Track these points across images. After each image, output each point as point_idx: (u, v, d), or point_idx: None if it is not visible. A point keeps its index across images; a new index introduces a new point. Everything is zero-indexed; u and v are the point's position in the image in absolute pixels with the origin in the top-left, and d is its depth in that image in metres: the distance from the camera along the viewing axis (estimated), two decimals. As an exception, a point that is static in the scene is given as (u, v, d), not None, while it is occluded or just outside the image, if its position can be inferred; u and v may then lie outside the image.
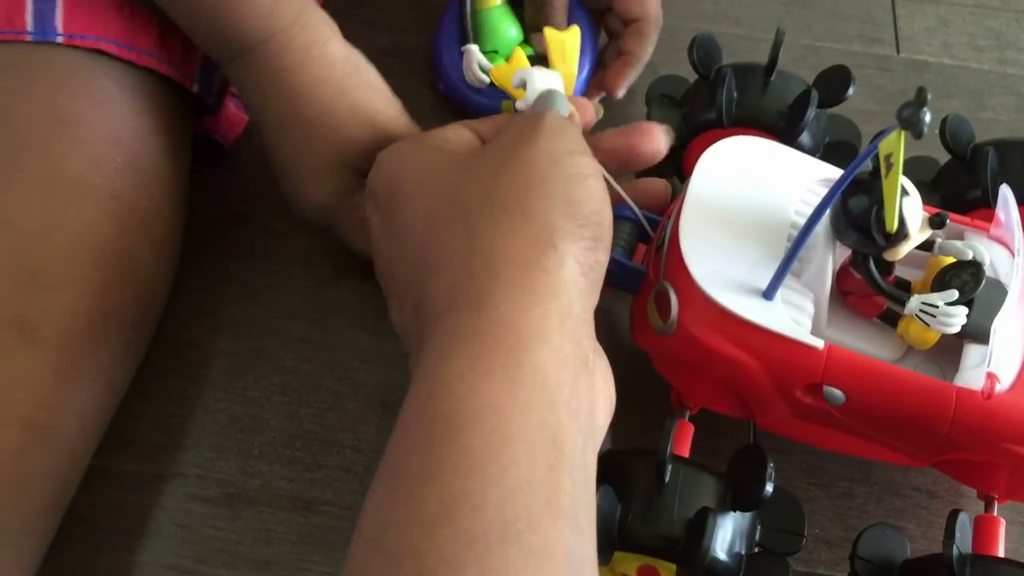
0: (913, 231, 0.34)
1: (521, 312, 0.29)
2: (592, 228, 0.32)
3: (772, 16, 0.59)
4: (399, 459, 0.28)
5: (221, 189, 0.49)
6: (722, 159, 0.38)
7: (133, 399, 0.42)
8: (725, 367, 0.35)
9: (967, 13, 0.61)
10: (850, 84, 0.43)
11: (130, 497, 0.41)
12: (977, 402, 0.34)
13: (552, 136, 0.33)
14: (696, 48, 0.45)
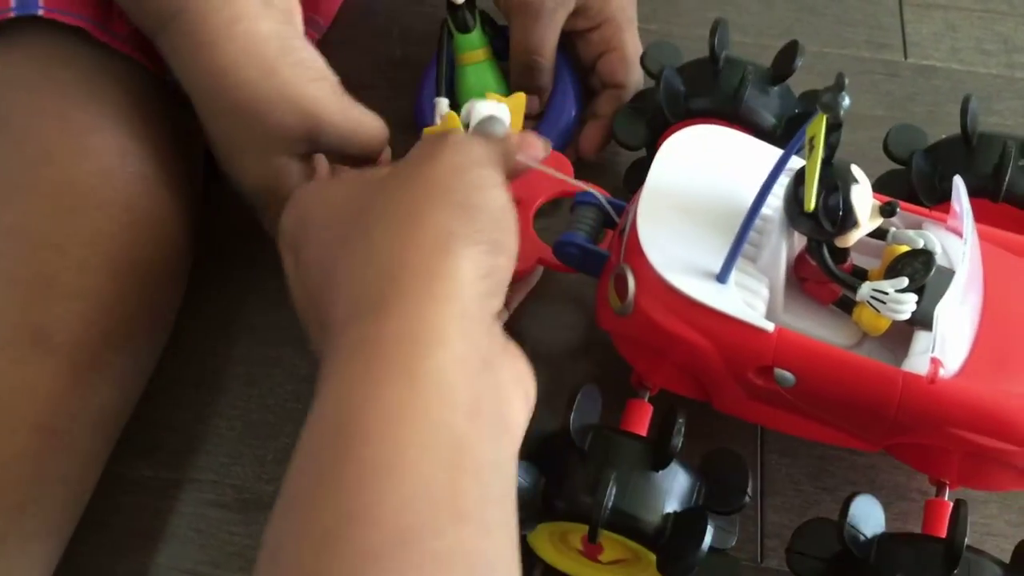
0: (863, 219, 0.35)
1: (417, 317, 0.29)
2: (491, 233, 0.32)
3: (780, 23, 0.60)
4: (296, 476, 0.28)
5: (237, 198, 0.49)
6: (681, 147, 0.39)
7: (151, 406, 0.43)
8: (680, 348, 0.37)
9: (975, 18, 0.61)
10: (797, 56, 0.44)
11: (147, 502, 0.42)
12: (922, 386, 0.34)
13: (455, 151, 0.34)
14: (647, 56, 0.47)
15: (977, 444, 0.35)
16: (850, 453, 0.43)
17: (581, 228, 0.41)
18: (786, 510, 0.42)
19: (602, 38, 0.49)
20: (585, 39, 0.50)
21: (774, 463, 0.44)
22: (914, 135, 0.46)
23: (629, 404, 0.39)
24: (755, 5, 0.61)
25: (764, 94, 0.44)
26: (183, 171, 0.43)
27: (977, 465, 0.37)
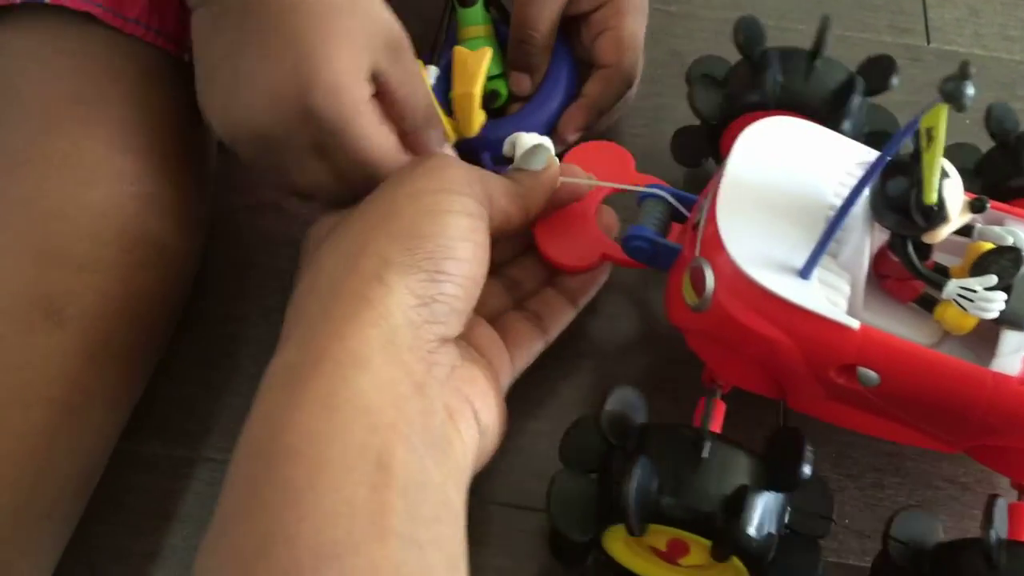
0: (953, 214, 0.34)
1: (338, 341, 0.30)
2: (437, 262, 0.32)
3: (802, 6, 0.59)
4: (224, 500, 0.29)
5: (249, 179, 0.49)
6: (761, 139, 0.38)
7: (164, 384, 0.43)
8: (759, 345, 0.36)
9: (998, 3, 0.60)
10: (893, 73, 0.43)
11: (162, 481, 0.41)
12: (1012, 387, 0.33)
13: (422, 176, 0.34)
14: (741, 29, 0.45)
15: (1067, 447, 0.34)
16: (873, 440, 0.42)
17: (650, 221, 0.40)
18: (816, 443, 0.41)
19: (602, 18, 0.48)
20: (587, 22, 0.48)
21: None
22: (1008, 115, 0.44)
23: (702, 403, 0.38)
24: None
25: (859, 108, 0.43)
26: (196, 146, 0.43)
27: (1062, 468, 0.36)
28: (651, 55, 0.54)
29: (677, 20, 0.57)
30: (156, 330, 0.40)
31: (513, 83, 0.49)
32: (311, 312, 0.32)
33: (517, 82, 0.49)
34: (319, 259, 0.34)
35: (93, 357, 0.36)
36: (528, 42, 0.47)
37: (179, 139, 0.41)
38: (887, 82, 0.43)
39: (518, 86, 0.49)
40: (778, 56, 0.44)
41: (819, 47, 0.43)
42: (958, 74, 0.26)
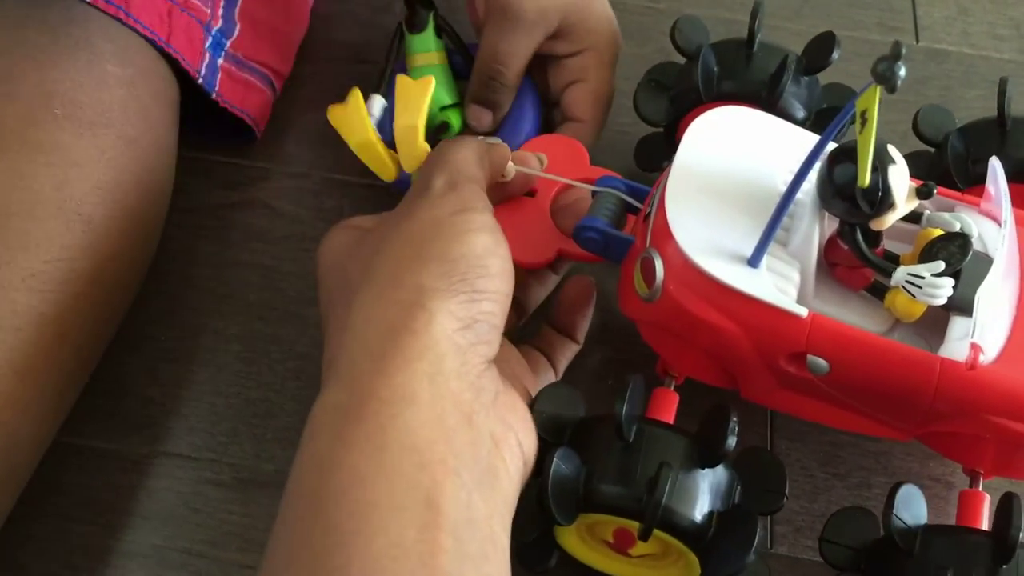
0: (899, 200, 0.34)
1: (385, 378, 0.30)
2: (472, 282, 0.32)
3: (790, 4, 0.59)
4: (273, 541, 0.29)
5: (234, 175, 0.49)
6: (710, 129, 0.38)
7: (146, 383, 0.42)
8: (709, 335, 0.35)
9: (987, 2, 0.60)
10: (834, 48, 0.43)
11: (144, 481, 0.41)
12: (961, 373, 0.33)
13: (436, 204, 0.34)
14: (677, 31, 0.45)
15: (1016, 432, 0.34)
16: (861, 439, 0.43)
17: (602, 213, 0.40)
18: (796, 496, 0.42)
19: (578, 66, 0.46)
20: (559, 65, 0.47)
21: (784, 448, 0.43)
22: (944, 116, 0.45)
23: (655, 392, 0.38)
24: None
25: (796, 84, 0.42)
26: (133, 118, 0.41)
27: (1014, 454, 0.36)
28: (640, 52, 0.55)
29: (665, 18, 0.57)
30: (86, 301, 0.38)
31: (472, 116, 0.47)
32: (352, 349, 0.31)
33: (476, 116, 0.47)
34: (350, 292, 0.33)
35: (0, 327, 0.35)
36: (496, 78, 0.46)
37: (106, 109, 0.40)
38: (828, 58, 0.43)
39: (477, 121, 0.47)
40: (714, 49, 0.44)
41: (752, 34, 0.43)
42: (890, 55, 0.26)
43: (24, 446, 0.36)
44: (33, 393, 0.36)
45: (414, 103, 0.41)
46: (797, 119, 0.43)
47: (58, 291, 0.37)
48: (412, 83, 0.42)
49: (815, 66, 0.43)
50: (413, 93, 0.41)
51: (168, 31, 0.43)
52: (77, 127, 0.38)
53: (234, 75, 0.47)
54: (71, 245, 0.37)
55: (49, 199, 0.37)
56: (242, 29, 0.47)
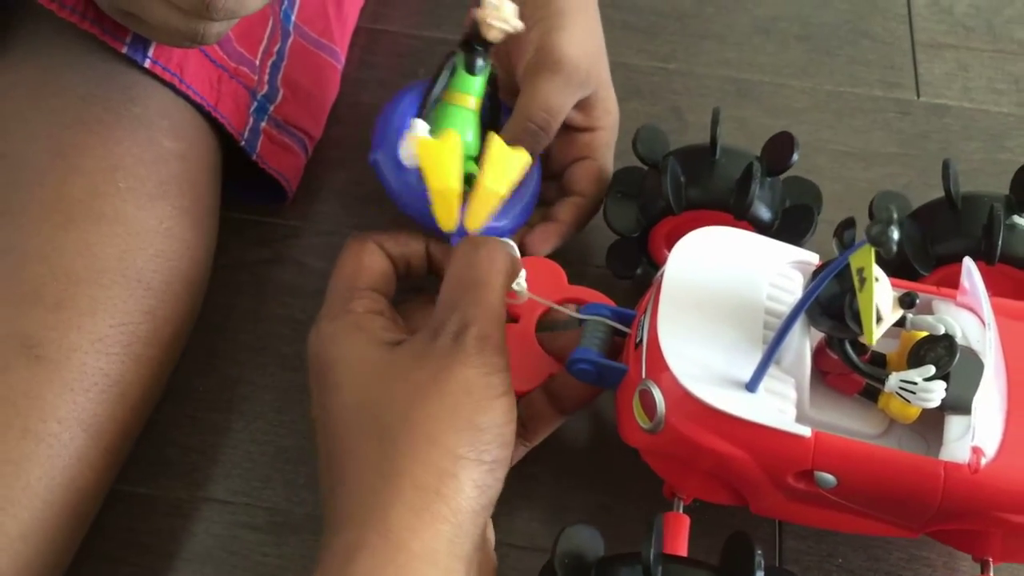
0: (885, 313, 0.34)
1: (414, 533, 0.32)
2: (494, 451, 0.35)
3: (795, 63, 0.61)
4: None
5: (267, 233, 0.52)
6: (691, 251, 0.39)
7: (186, 431, 0.45)
8: (715, 461, 0.36)
9: (986, 58, 0.62)
10: (793, 151, 0.44)
11: (183, 524, 0.43)
12: (965, 475, 0.34)
13: (469, 363, 0.35)
14: (639, 141, 0.46)
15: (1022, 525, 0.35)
16: None
17: (592, 342, 0.40)
18: (803, 536, 0.43)
19: (590, 143, 0.48)
20: (571, 138, 0.48)
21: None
22: (898, 201, 0.46)
23: (666, 518, 0.38)
24: (771, 46, 0.62)
25: (761, 187, 0.43)
26: (186, 188, 0.44)
27: (1021, 541, 0.37)
28: (651, 111, 0.56)
29: (675, 77, 0.59)
30: (144, 360, 0.40)
31: None
32: (381, 494, 0.33)
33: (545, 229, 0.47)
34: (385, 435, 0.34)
35: (69, 387, 0.37)
36: (545, 129, 0.46)
37: (166, 183, 0.42)
38: (789, 160, 0.44)
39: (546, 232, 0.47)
40: (678, 158, 0.45)
41: (714, 142, 0.44)
42: (883, 219, 0.27)
43: (89, 501, 0.39)
44: (99, 451, 0.38)
45: (446, 164, 0.42)
46: (765, 221, 0.44)
47: (122, 353, 0.39)
48: (437, 144, 0.43)
49: (777, 168, 0.44)
50: (443, 155, 0.42)
51: (217, 97, 0.45)
52: (138, 199, 0.41)
53: (274, 138, 0.49)
54: (133, 310, 0.40)
55: (114, 267, 0.40)
56: (284, 95, 0.50)
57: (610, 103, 0.49)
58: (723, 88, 0.48)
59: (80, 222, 0.40)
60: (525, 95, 0.46)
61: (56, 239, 0.39)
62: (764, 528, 0.43)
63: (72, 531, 0.38)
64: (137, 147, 0.42)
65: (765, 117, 0.58)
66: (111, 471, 0.40)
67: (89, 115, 0.41)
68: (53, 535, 0.37)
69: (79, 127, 0.41)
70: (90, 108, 0.42)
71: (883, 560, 0.42)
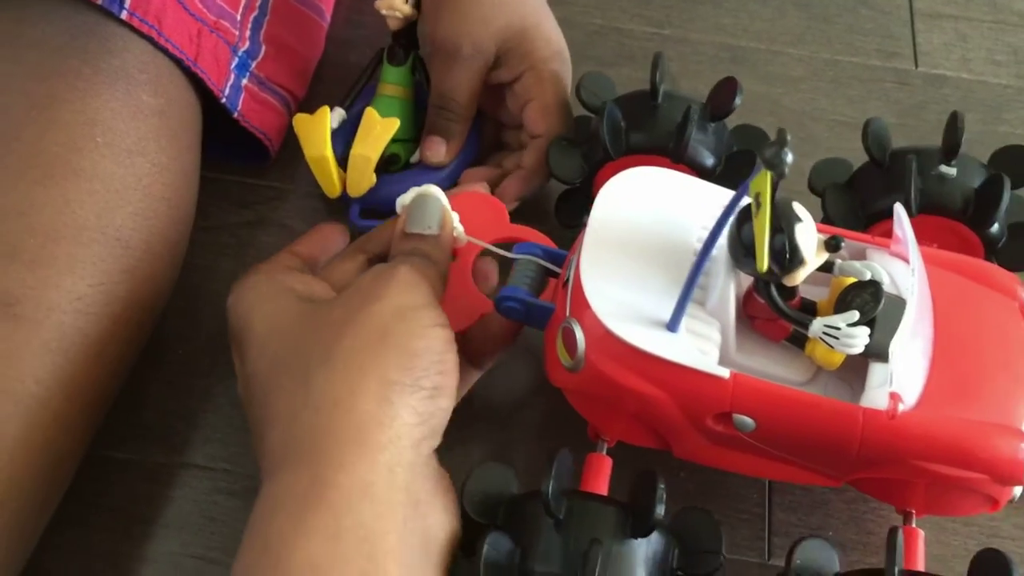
0: (809, 256, 0.34)
1: (347, 469, 0.31)
2: (432, 378, 0.33)
3: (792, 30, 0.60)
4: None
5: (249, 195, 0.51)
6: (621, 192, 0.38)
7: (165, 395, 0.44)
8: (635, 401, 0.35)
9: (986, 28, 0.62)
10: (735, 94, 0.43)
11: (160, 489, 0.42)
12: (883, 422, 0.34)
13: (400, 292, 0.35)
14: (582, 87, 0.46)
15: (942, 475, 0.34)
16: None
17: (523, 281, 0.39)
18: (793, 509, 0.42)
19: (524, 88, 0.48)
20: (511, 92, 0.49)
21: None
22: (838, 166, 0.45)
23: (588, 459, 0.38)
24: (767, 12, 0.61)
25: (703, 132, 0.43)
26: (165, 143, 0.42)
27: (942, 493, 0.36)
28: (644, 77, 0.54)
29: (669, 43, 0.58)
30: (121, 321, 0.39)
31: (427, 147, 0.48)
32: (315, 432, 0.32)
33: (432, 147, 0.48)
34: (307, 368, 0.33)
35: (49, 348, 0.36)
36: (448, 108, 0.47)
37: (144, 138, 0.41)
38: (732, 103, 0.43)
39: (433, 152, 0.48)
40: (619, 104, 0.44)
41: (654, 86, 0.43)
42: (776, 141, 0.26)
43: (66, 463, 0.38)
44: (76, 412, 0.38)
45: (375, 138, 0.46)
46: (707, 167, 0.43)
47: (100, 313, 0.38)
48: (379, 120, 0.46)
49: (720, 112, 0.43)
50: (377, 130, 0.46)
51: (196, 51, 0.45)
52: (117, 155, 0.40)
53: (256, 96, 0.48)
54: (112, 269, 0.39)
55: (92, 225, 0.38)
56: (267, 51, 0.49)
57: (527, 45, 0.48)
58: (718, 55, 0.47)
59: (58, 178, 0.38)
60: (431, 82, 0.48)
61: (33, 195, 0.38)
62: (753, 500, 0.43)
63: (48, 495, 0.37)
64: (115, 101, 0.41)
65: (760, 85, 0.57)
66: (88, 433, 0.39)
67: (66, 67, 0.40)
68: (29, 498, 0.36)
69: (56, 79, 0.40)
70: (67, 60, 0.40)
71: (874, 534, 0.42)
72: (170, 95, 0.43)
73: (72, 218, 0.38)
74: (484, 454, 0.43)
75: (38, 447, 0.36)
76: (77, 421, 0.38)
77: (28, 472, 0.35)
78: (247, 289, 0.38)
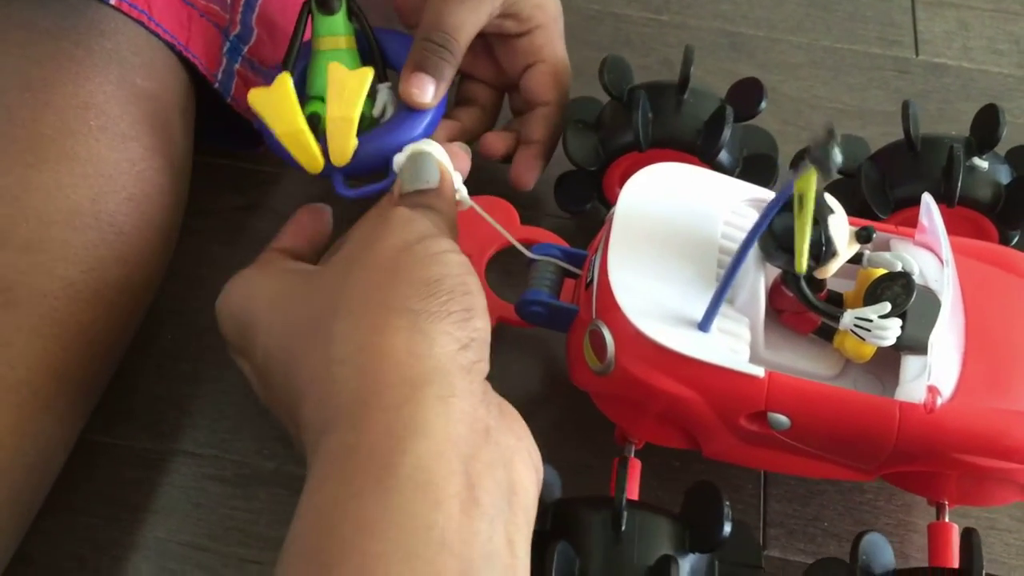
0: (841, 248, 0.33)
1: (393, 411, 0.28)
2: (459, 300, 0.31)
3: (791, 17, 0.60)
4: None
5: (242, 180, 0.50)
6: (644, 188, 0.37)
7: (154, 381, 0.44)
8: (667, 403, 0.35)
9: (987, 17, 0.61)
10: (762, 98, 0.42)
11: (148, 475, 0.41)
12: (920, 416, 0.33)
13: (400, 228, 0.32)
14: (606, 70, 0.44)
15: (978, 466, 0.34)
16: None
17: (543, 284, 0.38)
18: (788, 500, 0.42)
19: (532, 46, 0.45)
20: (511, 46, 0.45)
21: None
22: (857, 145, 0.45)
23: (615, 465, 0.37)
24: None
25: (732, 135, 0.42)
26: (158, 128, 0.41)
27: (976, 484, 0.36)
28: (642, 63, 0.55)
29: (668, 29, 0.58)
30: (115, 309, 0.39)
31: (414, 84, 0.42)
32: (350, 382, 0.29)
33: (421, 84, 0.42)
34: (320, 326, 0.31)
35: (40, 334, 0.35)
36: (445, 47, 0.42)
37: (138, 122, 0.40)
38: (757, 108, 0.43)
39: (421, 90, 0.42)
40: (646, 93, 0.43)
41: (685, 80, 0.43)
42: (824, 139, 0.25)
43: (57, 450, 0.37)
44: (67, 399, 0.37)
45: (349, 95, 0.40)
46: (726, 167, 0.42)
47: (92, 300, 0.37)
48: (348, 74, 0.40)
49: (744, 114, 0.43)
50: (350, 84, 0.40)
51: (187, 36, 0.43)
52: (111, 139, 0.39)
53: (249, 80, 0.47)
54: (105, 256, 0.38)
55: (86, 210, 0.37)
56: (259, 35, 0.48)
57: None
58: (716, 41, 0.47)
59: (51, 162, 0.37)
60: (425, 16, 0.43)
61: (26, 179, 0.37)
62: (748, 490, 0.42)
63: (38, 483, 0.37)
64: (109, 84, 0.40)
65: (759, 72, 0.55)
66: (79, 421, 0.38)
67: (58, 49, 0.39)
68: (20, 487, 0.35)
69: (48, 62, 0.39)
70: (59, 43, 0.39)
71: (870, 524, 0.41)
72: (163, 79, 0.42)
73: (65, 203, 0.37)
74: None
75: (28, 435, 0.35)
76: (68, 409, 0.37)
77: (18, 460, 0.34)
78: (237, 287, 0.36)
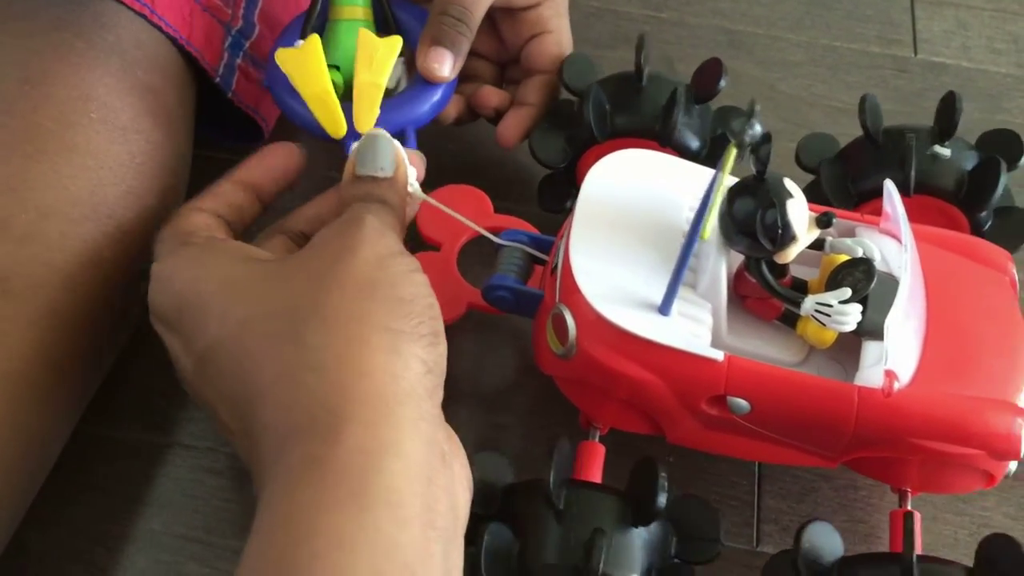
0: (800, 233, 0.33)
1: (371, 428, 0.28)
2: (428, 323, 0.31)
3: (791, 15, 0.60)
4: None
5: None
6: (608, 175, 0.37)
7: (148, 373, 0.43)
8: (628, 386, 0.35)
9: (986, 16, 0.61)
10: (720, 76, 0.42)
11: (143, 468, 0.41)
12: (879, 401, 0.33)
13: (374, 241, 0.32)
14: (566, 69, 0.45)
15: (938, 452, 0.34)
16: None
17: (510, 269, 0.39)
18: (783, 496, 0.42)
19: (539, 18, 0.45)
20: (516, 19, 0.46)
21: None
22: (824, 143, 0.45)
23: (581, 447, 0.37)
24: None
25: (688, 114, 0.42)
26: (158, 122, 0.41)
27: (938, 470, 0.36)
28: None
29: (667, 26, 0.58)
30: (113, 302, 0.38)
31: (433, 59, 0.42)
32: (318, 393, 0.29)
33: (440, 58, 0.42)
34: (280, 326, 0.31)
35: (38, 325, 0.35)
36: (463, 20, 0.43)
37: (138, 116, 0.40)
38: (716, 86, 0.43)
39: (440, 64, 0.42)
40: (605, 87, 0.43)
41: (639, 68, 0.43)
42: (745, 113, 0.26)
43: (53, 443, 0.37)
44: (64, 392, 0.37)
45: (380, 61, 0.40)
46: (692, 150, 0.43)
47: (91, 293, 0.37)
48: (379, 41, 0.41)
49: (705, 95, 0.43)
50: (380, 51, 0.40)
51: (189, 30, 0.44)
52: (111, 132, 0.39)
53: (251, 75, 0.47)
54: (104, 248, 0.38)
55: (85, 202, 0.37)
56: (260, 31, 0.48)
57: None
58: (715, 39, 0.47)
59: (51, 153, 0.37)
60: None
61: (26, 170, 0.37)
62: (743, 487, 0.42)
63: (33, 475, 0.36)
64: (110, 76, 0.40)
65: (758, 70, 0.57)
66: (75, 414, 0.38)
67: (60, 40, 0.39)
68: (16, 480, 0.35)
69: (49, 52, 0.39)
70: (61, 34, 0.39)
71: (863, 521, 0.41)
72: (165, 72, 0.42)
73: (64, 194, 0.37)
74: (475, 440, 0.42)
75: (24, 426, 0.35)
76: (64, 402, 0.37)
77: (14, 453, 0.34)
78: (183, 261, 0.34)
